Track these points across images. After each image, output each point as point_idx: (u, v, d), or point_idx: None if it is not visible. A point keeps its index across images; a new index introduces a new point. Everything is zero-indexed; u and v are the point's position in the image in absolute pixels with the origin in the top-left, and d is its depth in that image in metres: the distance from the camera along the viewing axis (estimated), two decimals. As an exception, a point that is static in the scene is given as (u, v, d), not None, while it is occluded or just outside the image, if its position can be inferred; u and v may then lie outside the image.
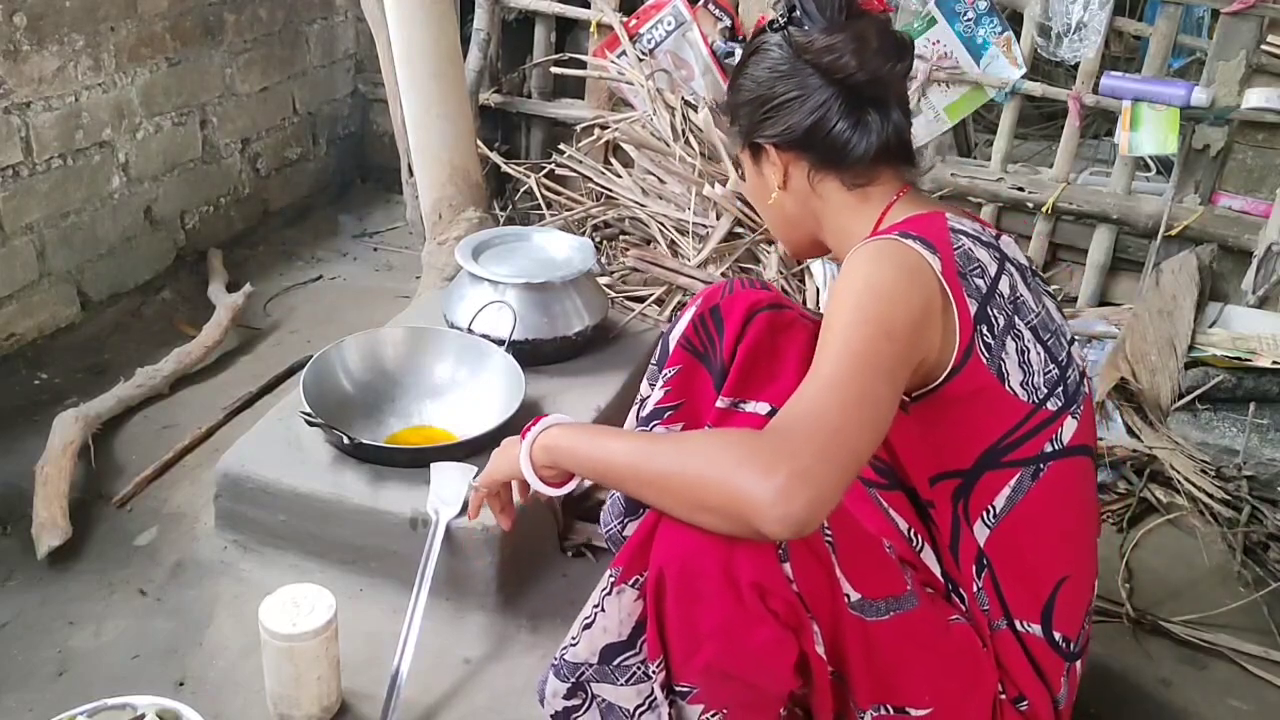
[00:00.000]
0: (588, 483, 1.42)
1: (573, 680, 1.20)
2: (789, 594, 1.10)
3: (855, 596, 1.13)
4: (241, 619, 1.70)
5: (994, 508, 1.22)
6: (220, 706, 1.55)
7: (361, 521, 1.76)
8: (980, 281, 1.19)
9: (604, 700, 1.19)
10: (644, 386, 1.52)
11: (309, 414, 1.80)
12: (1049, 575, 1.25)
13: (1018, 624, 1.25)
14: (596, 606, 1.19)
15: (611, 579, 1.17)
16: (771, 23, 1.29)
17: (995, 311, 1.19)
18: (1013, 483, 1.21)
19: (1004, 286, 1.21)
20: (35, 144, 2.40)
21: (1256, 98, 2.62)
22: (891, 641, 1.16)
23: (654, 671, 1.15)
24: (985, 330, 1.18)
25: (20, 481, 1.99)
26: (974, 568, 1.25)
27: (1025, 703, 1.26)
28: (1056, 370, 1.22)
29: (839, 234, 1.33)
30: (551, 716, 1.23)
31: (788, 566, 1.10)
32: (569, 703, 1.21)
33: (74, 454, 2.02)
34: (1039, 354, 1.21)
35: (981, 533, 1.23)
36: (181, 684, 1.60)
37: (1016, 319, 1.21)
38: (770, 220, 1.43)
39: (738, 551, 1.08)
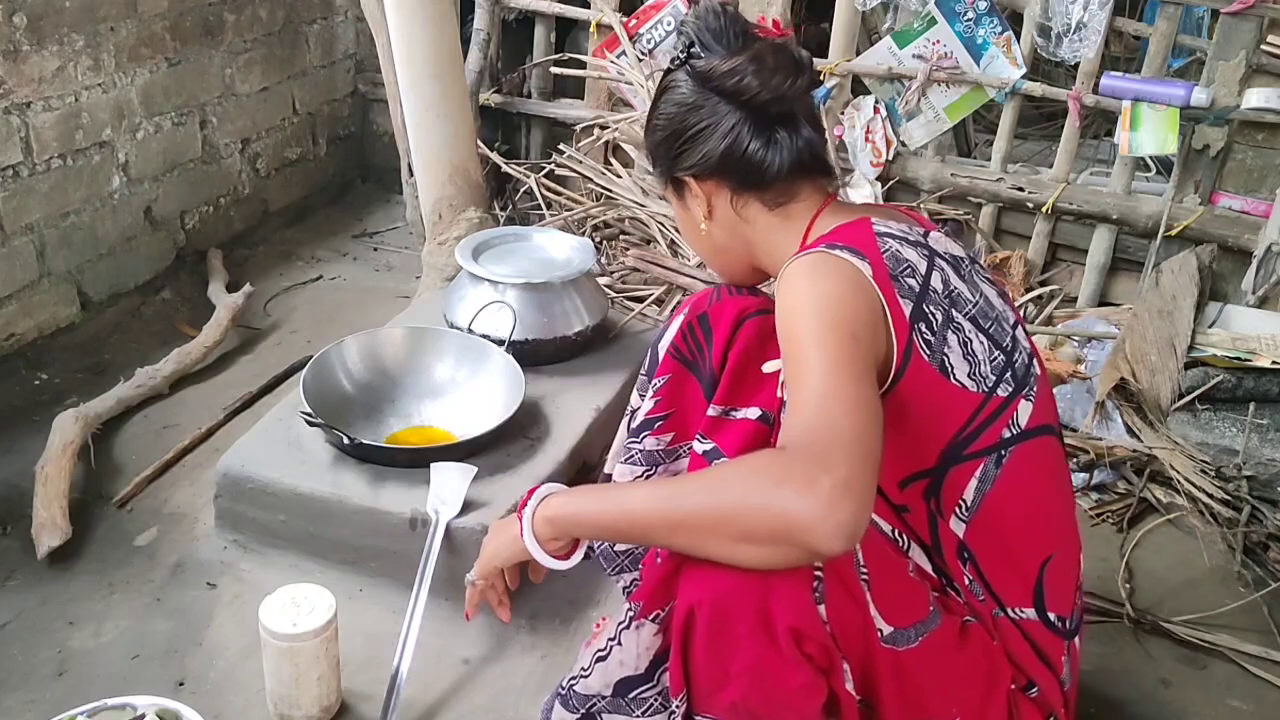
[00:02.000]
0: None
1: (582, 711, 1.21)
2: (823, 636, 1.09)
3: (888, 630, 1.13)
4: (241, 619, 1.70)
5: (965, 501, 1.23)
6: (220, 706, 1.55)
7: (361, 521, 1.76)
8: (912, 281, 1.21)
9: None
10: (634, 397, 1.52)
11: (309, 414, 1.80)
12: (1032, 558, 1.26)
13: (1011, 611, 1.26)
14: (613, 640, 1.18)
15: (631, 614, 1.17)
16: (673, 60, 1.34)
17: (931, 308, 1.20)
18: (978, 473, 1.22)
19: (936, 282, 1.22)
20: (35, 144, 2.40)
21: (1256, 98, 2.62)
22: (920, 664, 1.15)
23: (676, 706, 1.15)
24: (923, 328, 1.19)
25: (20, 481, 1.99)
26: (959, 561, 1.26)
27: (1035, 689, 1.26)
28: (1002, 356, 1.23)
29: (770, 254, 1.35)
30: None
31: (823, 608, 1.09)
32: None
33: (74, 454, 2.02)
34: (982, 343, 1.22)
35: (958, 527, 1.24)
36: (181, 684, 1.59)
37: (954, 312, 1.22)
38: (703, 252, 1.44)
39: (774, 594, 1.07)
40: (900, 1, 2.95)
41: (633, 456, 1.47)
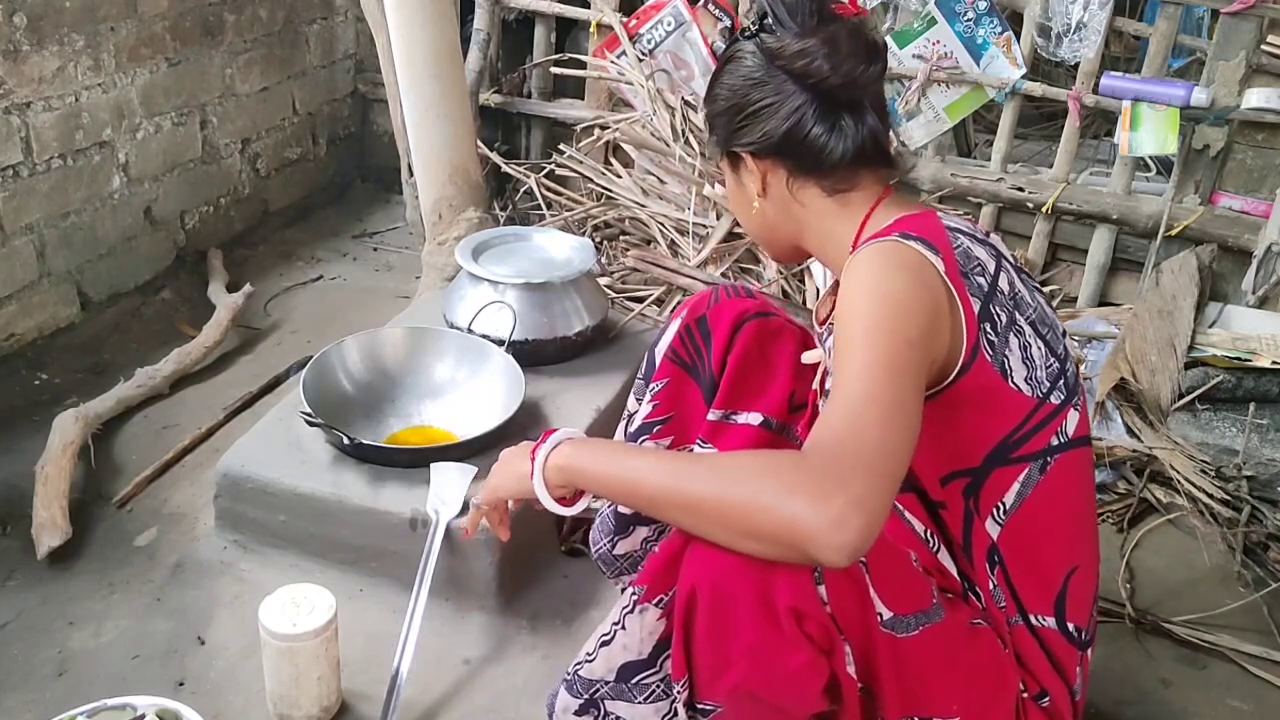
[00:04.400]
0: (597, 502, 1.40)
1: (586, 697, 1.20)
2: (823, 616, 1.09)
3: (888, 615, 1.13)
4: (241, 619, 1.70)
5: (1004, 504, 1.22)
6: (220, 706, 1.55)
7: (361, 522, 1.76)
8: (981, 280, 1.19)
9: (617, 718, 1.19)
10: (630, 401, 1.51)
11: (309, 414, 1.80)
12: (1059, 566, 1.26)
13: (1032, 618, 1.25)
14: (616, 624, 1.18)
15: (635, 597, 1.16)
16: (743, 30, 1.30)
17: (997, 309, 1.19)
18: (1021, 477, 1.21)
19: (1003, 283, 1.21)
20: (35, 144, 2.40)
21: (1256, 98, 2.62)
22: (920, 655, 1.15)
23: (679, 691, 1.14)
24: (989, 328, 1.17)
25: (20, 481, 1.99)
26: (986, 564, 1.25)
27: (1047, 698, 1.26)
28: (1057, 364, 1.22)
29: (822, 239, 1.32)
30: None
31: (822, 589, 1.09)
32: (580, 719, 1.21)
33: (74, 454, 2.02)
34: (1040, 349, 1.21)
35: (993, 529, 1.24)
36: (181, 684, 1.59)
37: (1017, 315, 1.20)
38: (751, 228, 1.42)
39: (775, 575, 1.07)
40: (900, 1, 2.95)
41: None
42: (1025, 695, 1.24)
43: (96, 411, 2.17)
